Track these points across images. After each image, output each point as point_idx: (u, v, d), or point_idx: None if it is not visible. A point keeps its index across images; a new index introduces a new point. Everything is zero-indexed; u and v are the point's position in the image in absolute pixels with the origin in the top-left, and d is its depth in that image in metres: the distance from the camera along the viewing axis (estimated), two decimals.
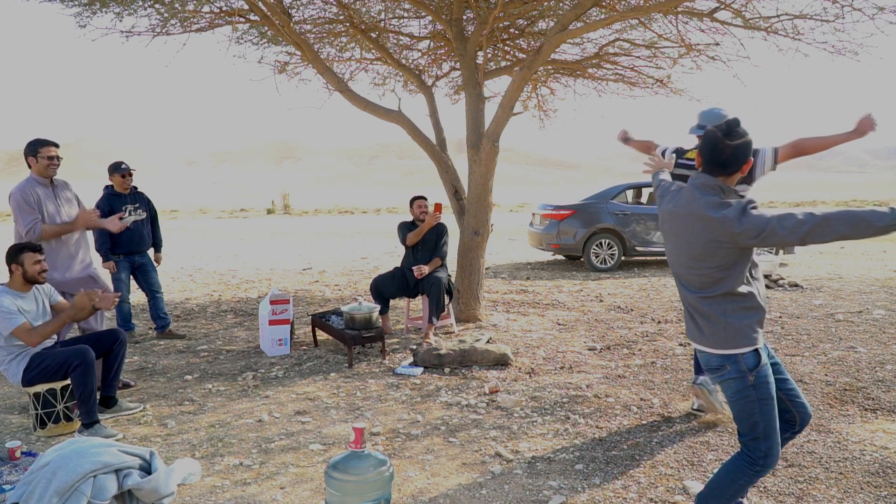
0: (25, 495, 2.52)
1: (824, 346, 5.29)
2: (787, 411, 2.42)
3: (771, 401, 2.24)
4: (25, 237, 3.98)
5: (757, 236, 2.07)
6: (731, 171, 2.23)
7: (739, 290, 2.22)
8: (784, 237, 2.03)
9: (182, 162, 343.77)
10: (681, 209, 2.31)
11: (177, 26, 6.44)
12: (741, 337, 2.22)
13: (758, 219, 2.07)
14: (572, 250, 10.14)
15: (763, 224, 2.06)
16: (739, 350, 2.23)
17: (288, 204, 30.84)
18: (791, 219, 2.02)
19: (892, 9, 4.85)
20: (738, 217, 2.10)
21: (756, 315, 2.25)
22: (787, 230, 2.02)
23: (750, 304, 2.24)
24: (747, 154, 2.22)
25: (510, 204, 37.71)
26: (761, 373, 2.24)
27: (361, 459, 2.37)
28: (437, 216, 5.63)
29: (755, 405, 2.23)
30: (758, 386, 2.23)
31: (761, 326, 2.27)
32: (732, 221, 2.11)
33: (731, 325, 2.23)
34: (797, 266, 10.23)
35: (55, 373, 3.55)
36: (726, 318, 2.23)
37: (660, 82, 7.55)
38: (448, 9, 6.34)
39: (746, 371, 2.23)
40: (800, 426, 2.46)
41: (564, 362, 4.96)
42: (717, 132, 2.22)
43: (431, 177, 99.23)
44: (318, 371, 4.80)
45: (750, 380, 2.23)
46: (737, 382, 2.25)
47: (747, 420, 2.26)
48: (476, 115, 6.23)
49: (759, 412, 2.23)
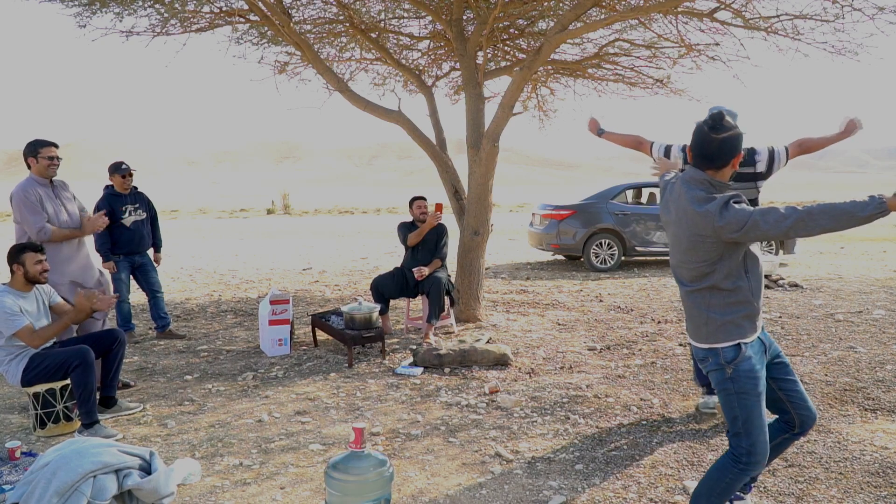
0: (25, 495, 2.52)
1: (824, 346, 5.29)
2: (786, 412, 2.40)
3: (752, 396, 2.21)
4: (36, 238, 3.96)
5: (738, 230, 2.07)
6: (719, 165, 2.21)
7: (724, 286, 2.21)
8: (766, 231, 2.03)
9: (182, 162, 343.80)
10: (671, 204, 2.33)
11: (177, 26, 6.44)
12: (722, 331, 2.22)
13: (739, 213, 2.07)
14: (572, 250, 10.14)
15: (745, 218, 2.06)
16: (719, 344, 2.24)
17: (288, 204, 30.83)
18: (774, 213, 2.02)
19: (892, 9, 4.85)
20: (719, 211, 2.11)
21: (742, 310, 2.22)
22: (770, 224, 2.02)
23: (736, 299, 2.22)
24: (735, 147, 2.20)
25: (510, 204, 37.71)
26: (741, 367, 2.21)
27: (361, 459, 2.37)
28: (438, 216, 5.63)
29: (733, 398, 2.23)
30: (735, 379, 2.22)
31: (751, 321, 2.24)
32: (714, 215, 2.11)
33: (713, 320, 2.23)
34: (797, 266, 10.23)
35: (55, 373, 3.55)
36: (708, 313, 2.24)
37: (660, 82, 7.56)
38: (448, 9, 6.34)
39: (724, 364, 2.23)
40: (800, 429, 2.42)
41: (564, 362, 4.96)
42: (704, 126, 2.22)
43: (431, 177, 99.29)
44: (318, 371, 4.80)
45: (727, 372, 2.23)
46: (717, 374, 2.27)
47: (728, 413, 2.27)
48: (476, 115, 6.23)
49: (737, 405, 2.23)
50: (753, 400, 2.22)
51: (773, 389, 2.36)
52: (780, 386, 2.36)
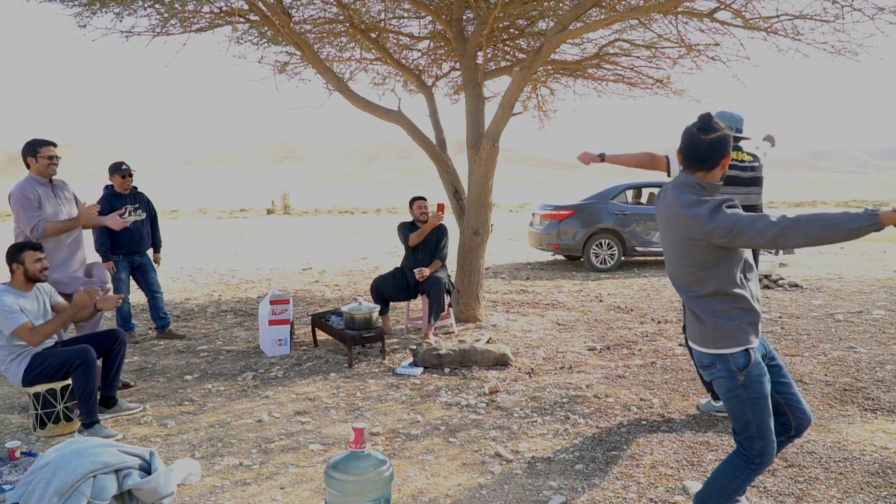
0: (25, 495, 2.52)
1: (824, 346, 5.29)
2: (783, 414, 2.39)
3: (763, 400, 2.22)
4: (31, 235, 3.98)
5: (726, 235, 2.06)
6: (709, 167, 2.21)
7: (730, 291, 2.19)
8: (753, 238, 2.01)
9: (182, 162, 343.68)
10: (664, 208, 2.33)
11: (177, 26, 6.44)
12: (730, 337, 2.21)
13: (729, 217, 2.06)
14: (572, 250, 10.14)
15: (733, 223, 2.04)
16: (729, 350, 2.22)
17: (288, 204, 30.82)
18: (763, 220, 2.00)
19: (892, 9, 4.84)
20: (709, 215, 2.09)
21: (748, 316, 2.22)
22: (757, 231, 2.00)
23: (741, 306, 2.21)
24: (723, 147, 2.19)
25: (510, 204, 37.70)
26: (752, 372, 2.21)
27: (361, 459, 2.37)
28: (439, 216, 5.64)
29: (747, 404, 2.22)
30: (748, 385, 2.21)
31: (754, 327, 2.24)
32: (704, 219, 2.10)
33: (720, 326, 2.21)
34: (797, 266, 10.23)
35: (56, 372, 3.55)
36: (715, 319, 2.22)
37: (660, 82, 7.56)
38: (448, 9, 6.34)
39: (736, 371, 2.21)
40: (796, 431, 2.42)
41: (564, 362, 4.96)
42: (693, 128, 2.22)
43: (431, 177, 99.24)
44: (317, 371, 4.80)
45: (740, 379, 2.21)
46: (727, 381, 2.24)
47: (740, 419, 2.26)
48: (476, 115, 6.23)
49: (751, 411, 2.22)
50: (765, 403, 2.22)
51: (772, 393, 2.34)
52: (776, 389, 2.35)
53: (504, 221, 22.35)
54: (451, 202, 6.61)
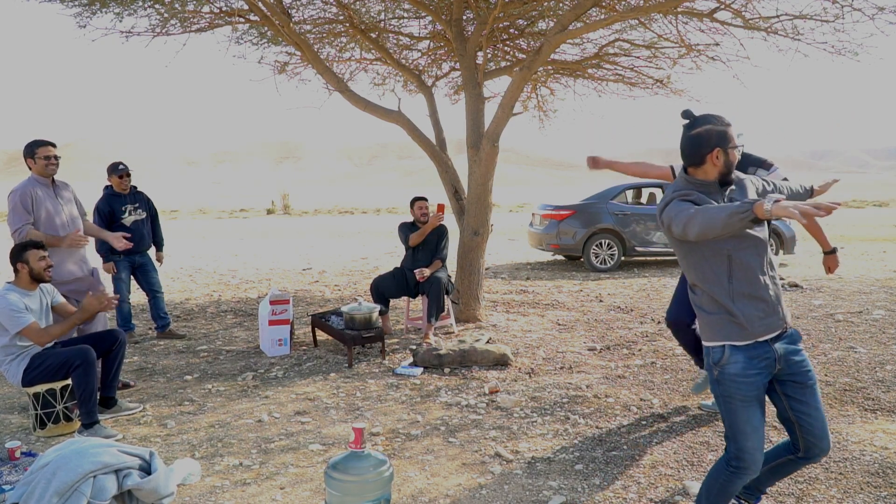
0: (25, 495, 2.52)
1: (824, 346, 5.29)
2: (793, 433, 2.30)
3: (735, 401, 2.16)
4: (13, 237, 3.99)
5: (668, 227, 2.14)
6: (696, 162, 2.22)
7: (705, 286, 2.20)
8: (678, 231, 2.07)
9: (182, 162, 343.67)
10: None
11: (177, 26, 6.44)
12: (709, 330, 2.23)
13: (671, 210, 2.11)
14: (572, 250, 10.14)
15: (671, 216, 2.10)
16: (709, 343, 2.24)
17: (288, 204, 30.82)
18: (684, 213, 2.05)
19: (892, 9, 4.85)
20: (661, 208, 2.18)
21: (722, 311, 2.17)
22: (678, 224, 2.06)
23: (716, 301, 2.19)
24: (705, 142, 2.17)
25: (510, 204, 37.70)
26: (726, 370, 2.17)
27: (361, 459, 2.37)
28: (440, 216, 5.64)
29: (720, 401, 2.23)
30: (721, 382, 2.20)
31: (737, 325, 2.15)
32: (659, 212, 2.19)
33: (703, 317, 2.25)
34: (797, 266, 10.22)
35: (56, 372, 3.55)
36: (699, 310, 2.26)
37: (660, 82, 7.56)
38: (448, 9, 6.34)
39: (712, 364, 2.23)
40: (805, 455, 2.30)
41: (564, 362, 4.96)
42: (684, 126, 2.27)
43: (431, 177, 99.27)
44: (317, 371, 4.80)
45: (714, 373, 2.22)
46: (710, 374, 2.27)
47: (722, 416, 2.26)
48: (476, 115, 6.23)
49: (724, 409, 2.22)
50: (738, 405, 2.16)
51: (786, 408, 2.27)
52: (792, 405, 2.25)
53: (504, 221, 22.35)
54: (451, 202, 6.61)
